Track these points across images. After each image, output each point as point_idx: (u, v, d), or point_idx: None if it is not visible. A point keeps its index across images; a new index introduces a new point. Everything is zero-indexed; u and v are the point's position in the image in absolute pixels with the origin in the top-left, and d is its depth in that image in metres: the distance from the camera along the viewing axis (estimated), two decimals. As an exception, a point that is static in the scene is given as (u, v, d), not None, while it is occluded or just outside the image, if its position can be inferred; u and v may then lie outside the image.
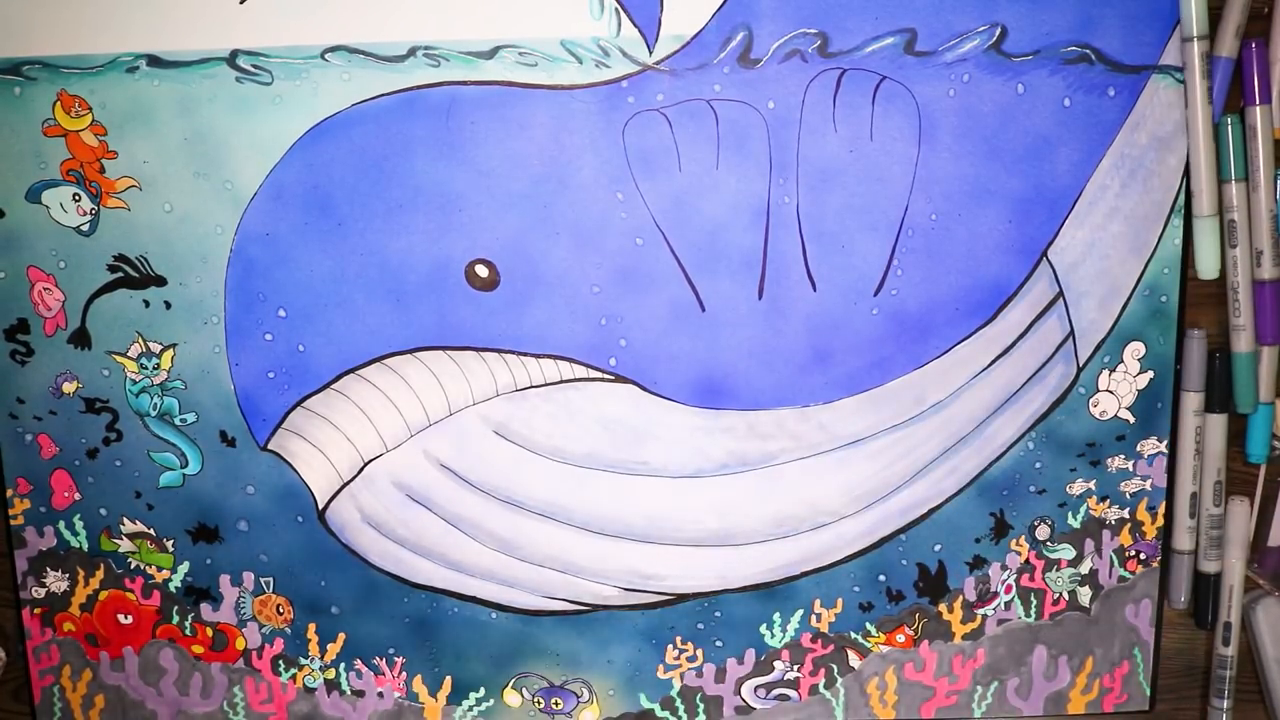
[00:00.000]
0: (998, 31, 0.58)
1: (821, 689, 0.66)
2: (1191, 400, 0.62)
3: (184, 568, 0.64)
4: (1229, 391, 0.61)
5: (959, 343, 0.61)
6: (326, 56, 0.58)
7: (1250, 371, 0.60)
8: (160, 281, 0.60)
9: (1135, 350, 0.62)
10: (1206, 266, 0.59)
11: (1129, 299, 0.61)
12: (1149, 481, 0.63)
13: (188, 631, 0.65)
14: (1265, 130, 0.58)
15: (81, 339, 0.61)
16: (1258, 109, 0.58)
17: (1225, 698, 0.64)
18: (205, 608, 0.65)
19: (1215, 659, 0.64)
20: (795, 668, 0.65)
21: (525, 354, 0.61)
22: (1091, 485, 0.63)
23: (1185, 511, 0.63)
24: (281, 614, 0.64)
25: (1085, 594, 0.65)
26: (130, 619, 0.65)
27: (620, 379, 0.61)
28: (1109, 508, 0.64)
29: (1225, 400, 0.61)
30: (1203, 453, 0.62)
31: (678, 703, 0.66)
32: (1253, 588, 0.64)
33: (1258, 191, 0.58)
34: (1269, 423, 0.61)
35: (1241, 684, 0.65)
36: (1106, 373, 0.62)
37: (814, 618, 0.65)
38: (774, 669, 0.66)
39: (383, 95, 0.58)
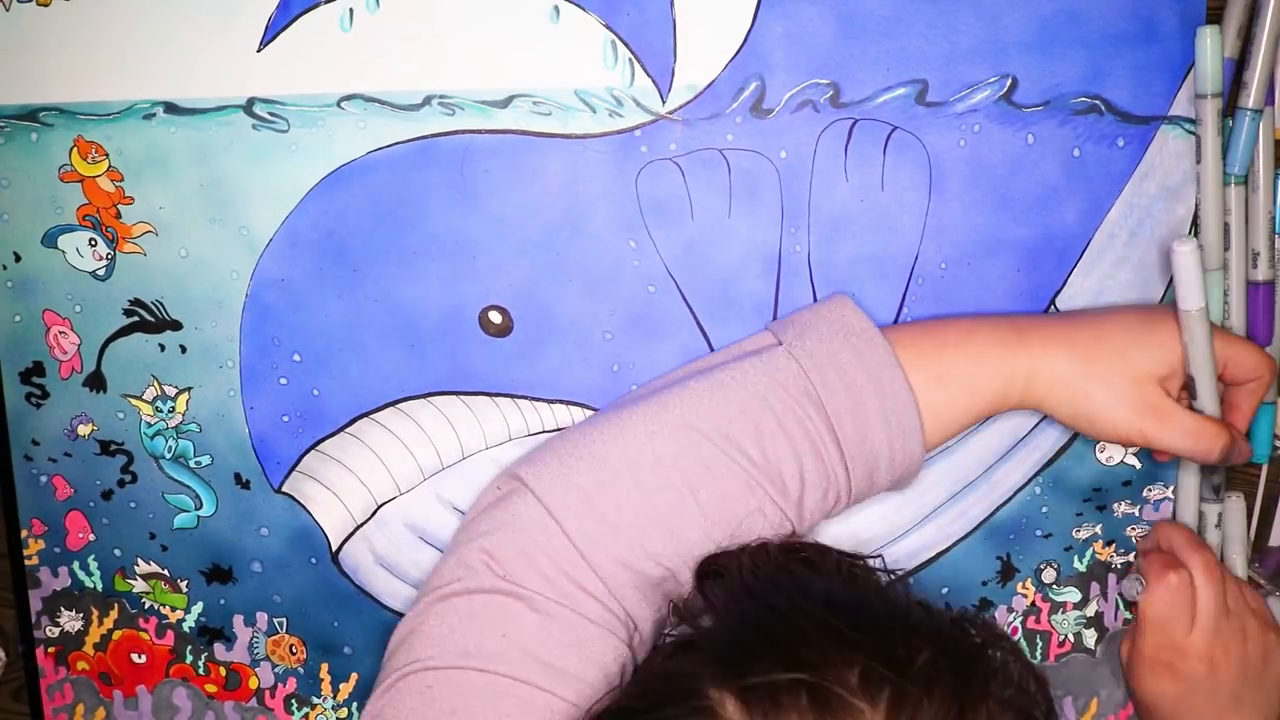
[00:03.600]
0: (1008, 82, 0.58)
1: (829, 728, 0.66)
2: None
3: (198, 608, 0.65)
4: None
5: (968, 390, 0.61)
6: (342, 105, 0.58)
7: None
8: (176, 326, 0.61)
9: (1142, 397, 0.62)
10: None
11: (1136, 346, 0.61)
12: (1154, 526, 0.64)
13: (201, 671, 0.65)
14: (1266, 131, 0.58)
15: (97, 382, 0.62)
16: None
17: (1228, 698, 0.64)
18: (219, 647, 0.65)
19: (1217, 659, 0.64)
20: (803, 708, 0.66)
21: (538, 399, 0.61)
22: (1098, 530, 0.64)
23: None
24: (295, 654, 0.65)
25: (1090, 636, 0.65)
26: (144, 658, 0.65)
27: (632, 424, 0.61)
28: (1115, 552, 0.64)
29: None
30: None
31: (686, 741, 0.67)
32: (1253, 588, 0.64)
33: (1257, 193, 0.58)
34: (1270, 423, 0.61)
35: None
36: (1113, 419, 0.62)
37: (822, 659, 0.65)
38: (782, 709, 0.66)
39: (397, 143, 0.58)
